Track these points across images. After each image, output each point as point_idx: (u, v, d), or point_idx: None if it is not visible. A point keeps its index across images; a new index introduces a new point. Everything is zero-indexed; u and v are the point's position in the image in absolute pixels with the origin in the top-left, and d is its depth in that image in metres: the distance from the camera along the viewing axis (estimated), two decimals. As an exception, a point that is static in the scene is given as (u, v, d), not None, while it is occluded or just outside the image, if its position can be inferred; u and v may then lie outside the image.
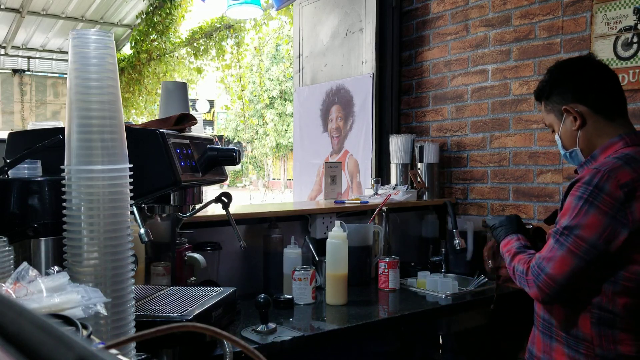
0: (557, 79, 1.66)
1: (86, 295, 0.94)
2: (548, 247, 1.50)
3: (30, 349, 0.32)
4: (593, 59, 1.67)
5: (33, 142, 1.28)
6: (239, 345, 0.55)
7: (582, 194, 1.45)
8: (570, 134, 1.64)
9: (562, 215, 1.50)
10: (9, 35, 8.74)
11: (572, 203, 1.47)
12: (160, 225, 1.96)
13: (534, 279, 1.50)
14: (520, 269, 1.56)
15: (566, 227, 1.46)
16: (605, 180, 1.43)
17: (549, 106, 1.68)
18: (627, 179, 1.42)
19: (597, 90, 1.60)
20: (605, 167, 1.45)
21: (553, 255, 1.47)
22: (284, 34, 9.56)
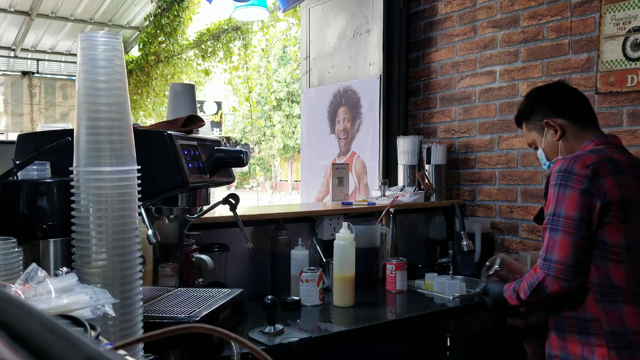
0: (536, 99, 1.86)
1: (94, 296, 0.95)
2: (546, 240, 1.60)
3: (39, 350, 0.32)
4: (565, 84, 1.90)
5: (42, 143, 1.29)
6: (246, 347, 0.55)
7: (556, 181, 1.60)
8: (552, 145, 1.81)
9: (547, 207, 1.63)
10: (19, 38, 8.80)
11: (551, 193, 1.61)
12: (168, 227, 1.97)
13: (546, 272, 1.57)
14: (530, 280, 1.62)
15: (554, 214, 1.58)
16: (572, 164, 1.59)
17: (530, 125, 1.86)
18: (592, 161, 1.59)
19: (571, 104, 1.80)
20: (572, 156, 1.64)
21: (552, 243, 1.57)
22: (291, 35, 9.58)
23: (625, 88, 2.36)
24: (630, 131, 2.35)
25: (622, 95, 2.37)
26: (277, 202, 15.72)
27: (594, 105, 2.47)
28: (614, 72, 2.39)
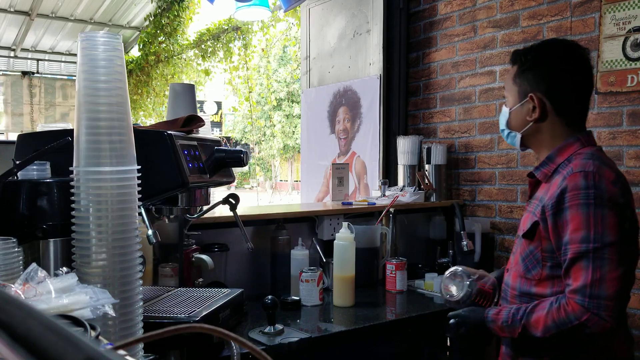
0: (544, 60, 1.55)
1: (94, 296, 0.95)
2: (585, 273, 1.33)
3: (39, 350, 0.32)
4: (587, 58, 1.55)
5: (42, 143, 1.29)
6: (246, 347, 0.55)
7: (586, 200, 1.36)
8: (522, 119, 1.58)
9: (576, 230, 1.35)
10: (19, 38, 8.80)
11: (580, 214, 1.35)
12: (168, 227, 1.97)
13: (594, 312, 1.31)
14: (561, 318, 1.35)
15: (594, 240, 1.33)
16: (598, 180, 1.37)
17: (519, 78, 1.57)
18: (614, 176, 1.40)
19: (572, 95, 1.54)
20: (588, 168, 1.39)
21: (600, 276, 1.31)
22: (291, 35, 9.58)
23: (625, 88, 2.36)
24: (630, 131, 2.35)
25: (622, 95, 2.37)
26: (277, 202, 15.72)
27: (594, 105, 2.47)
28: (614, 72, 2.39)
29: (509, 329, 1.46)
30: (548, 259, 1.46)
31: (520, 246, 1.55)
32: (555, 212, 1.41)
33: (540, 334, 1.39)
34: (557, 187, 1.42)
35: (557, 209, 1.40)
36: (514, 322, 1.44)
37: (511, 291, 1.57)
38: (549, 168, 1.53)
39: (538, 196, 1.54)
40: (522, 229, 1.56)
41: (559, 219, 1.40)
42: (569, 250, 1.37)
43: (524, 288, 1.52)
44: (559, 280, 1.44)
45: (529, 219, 1.52)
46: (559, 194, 1.40)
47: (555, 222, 1.41)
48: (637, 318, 2.31)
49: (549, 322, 1.37)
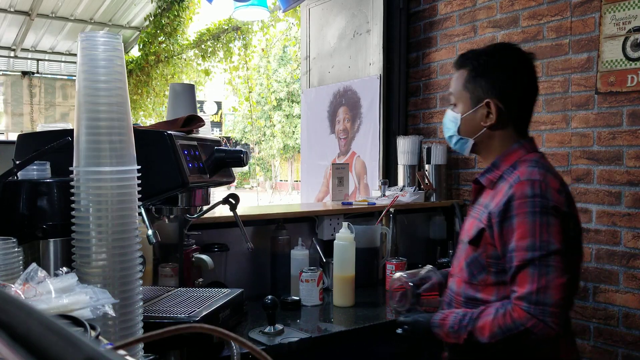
0: (497, 66, 1.53)
1: (94, 296, 0.95)
2: (531, 280, 1.33)
3: (39, 350, 0.32)
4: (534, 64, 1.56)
5: (42, 143, 1.29)
6: (246, 347, 0.55)
7: (533, 209, 1.36)
8: (475, 125, 1.55)
9: (522, 238, 1.36)
10: (19, 38, 8.80)
11: (527, 222, 1.36)
12: (167, 227, 1.97)
13: (540, 319, 1.31)
14: (507, 324, 1.35)
15: (540, 248, 1.34)
16: (545, 189, 1.38)
17: (471, 84, 1.53)
18: (558, 184, 1.41)
19: (523, 101, 1.55)
20: (535, 176, 1.40)
21: (546, 284, 1.32)
22: (291, 35, 9.58)
23: (625, 88, 2.36)
24: (630, 131, 2.35)
25: (622, 95, 2.37)
26: (277, 202, 15.72)
27: (594, 105, 2.47)
28: (614, 72, 2.39)
29: (454, 335, 1.45)
30: (493, 265, 1.46)
31: (465, 252, 1.54)
32: (501, 220, 1.40)
33: (487, 340, 1.38)
34: (504, 194, 1.42)
35: (504, 217, 1.40)
36: (460, 328, 1.43)
37: (456, 297, 1.57)
38: (494, 174, 1.52)
39: (483, 202, 1.53)
40: (467, 234, 1.54)
41: (505, 226, 1.40)
42: (514, 257, 1.37)
43: (469, 293, 1.52)
44: (504, 286, 1.44)
45: (474, 225, 1.51)
46: (506, 202, 1.40)
47: (502, 229, 1.41)
48: (637, 318, 2.31)
49: (495, 329, 1.36)
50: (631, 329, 2.32)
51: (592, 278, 2.46)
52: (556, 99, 2.62)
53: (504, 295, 1.44)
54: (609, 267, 2.40)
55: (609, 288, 2.40)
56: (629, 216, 2.34)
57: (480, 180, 1.56)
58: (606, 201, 2.42)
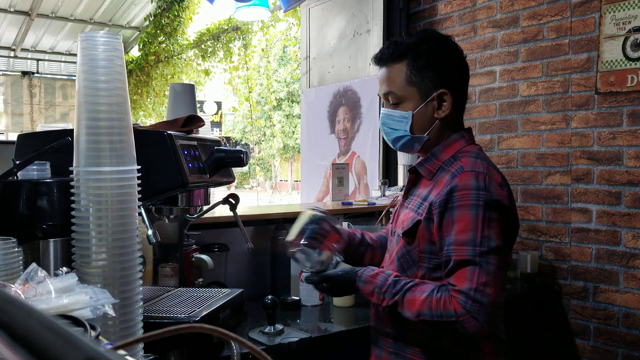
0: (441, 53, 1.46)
1: (94, 296, 0.95)
2: (471, 276, 1.28)
3: (39, 350, 0.32)
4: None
5: (42, 143, 1.29)
6: (246, 347, 0.55)
7: (476, 202, 1.31)
8: (428, 119, 1.46)
9: (462, 231, 1.30)
10: (19, 38, 8.81)
11: (469, 215, 1.31)
12: (167, 227, 1.97)
13: (474, 315, 1.26)
14: (440, 311, 1.29)
15: (480, 244, 1.29)
16: (488, 182, 1.33)
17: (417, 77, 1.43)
18: (500, 179, 1.38)
19: (465, 89, 1.51)
20: (479, 168, 1.36)
21: (485, 282, 1.27)
22: (291, 35, 9.58)
23: (625, 88, 2.36)
24: (630, 131, 2.35)
25: (622, 95, 2.37)
26: (277, 202, 15.72)
27: (594, 105, 2.47)
28: (614, 72, 2.39)
29: (378, 296, 1.38)
30: (425, 260, 1.41)
31: (398, 245, 1.48)
32: (442, 210, 1.34)
33: (412, 317, 1.33)
34: (445, 184, 1.37)
35: (445, 207, 1.34)
36: (387, 291, 1.37)
37: None
38: (433, 165, 1.46)
39: (419, 193, 1.47)
40: (401, 226, 1.47)
41: (445, 217, 1.34)
42: (453, 251, 1.31)
43: None
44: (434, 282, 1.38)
45: (409, 217, 1.44)
46: (448, 192, 1.34)
47: (441, 220, 1.34)
48: (637, 318, 2.31)
49: (425, 309, 1.31)
50: (631, 329, 2.32)
51: (592, 278, 2.46)
52: (556, 99, 2.62)
53: None
54: (609, 267, 2.40)
55: (608, 288, 2.40)
56: (629, 216, 2.34)
57: (419, 170, 1.50)
58: (606, 201, 2.42)
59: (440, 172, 1.44)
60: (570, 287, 2.54)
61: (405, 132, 1.47)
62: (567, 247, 2.56)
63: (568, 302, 2.57)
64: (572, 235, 2.54)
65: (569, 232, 2.55)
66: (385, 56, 1.48)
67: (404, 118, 1.46)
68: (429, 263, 1.40)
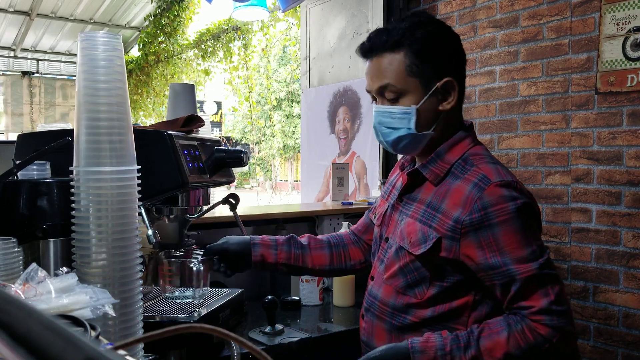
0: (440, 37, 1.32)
1: (94, 296, 0.95)
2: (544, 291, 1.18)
3: (39, 350, 0.32)
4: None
5: (42, 143, 1.29)
6: (246, 347, 0.55)
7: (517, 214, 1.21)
8: (432, 114, 1.30)
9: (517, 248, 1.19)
10: (18, 38, 8.81)
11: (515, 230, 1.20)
12: (167, 227, 1.97)
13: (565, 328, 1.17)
14: (531, 342, 1.16)
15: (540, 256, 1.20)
16: (520, 189, 1.26)
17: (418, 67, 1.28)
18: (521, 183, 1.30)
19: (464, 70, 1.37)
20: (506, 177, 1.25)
21: (559, 291, 1.19)
22: (291, 35, 9.58)
23: (625, 88, 2.36)
24: (631, 131, 2.35)
25: (622, 95, 2.37)
26: (277, 202, 15.72)
27: (594, 105, 2.47)
28: (614, 72, 2.39)
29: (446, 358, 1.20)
30: (439, 278, 1.28)
31: (401, 257, 1.33)
32: (477, 229, 1.21)
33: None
34: (470, 198, 1.22)
35: (481, 225, 1.21)
36: (455, 349, 1.19)
37: (380, 305, 1.37)
38: (439, 167, 1.31)
39: (423, 199, 1.32)
40: (407, 239, 1.31)
41: (484, 236, 1.21)
42: (516, 271, 1.18)
43: (399, 305, 1.33)
44: (442, 303, 1.28)
45: (419, 230, 1.29)
46: (481, 208, 1.21)
47: (479, 240, 1.21)
48: (637, 318, 2.31)
49: (512, 349, 1.16)
50: (631, 329, 2.32)
51: (592, 278, 2.46)
52: (556, 99, 2.62)
53: (441, 312, 1.28)
54: (609, 267, 2.40)
55: (609, 288, 2.40)
56: (629, 216, 2.34)
57: (424, 173, 1.33)
58: (606, 201, 2.42)
59: (450, 178, 1.30)
60: (570, 287, 2.54)
61: (410, 131, 1.29)
62: (567, 247, 2.56)
63: (568, 302, 2.57)
64: (572, 235, 2.54)
65: (569, 232, 2.55)
66: (376, 45, 1.31)
67: (407, 114, 1.29)
68: (444, 281, 1.28)
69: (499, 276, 1.21)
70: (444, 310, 1.29)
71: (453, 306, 1.29)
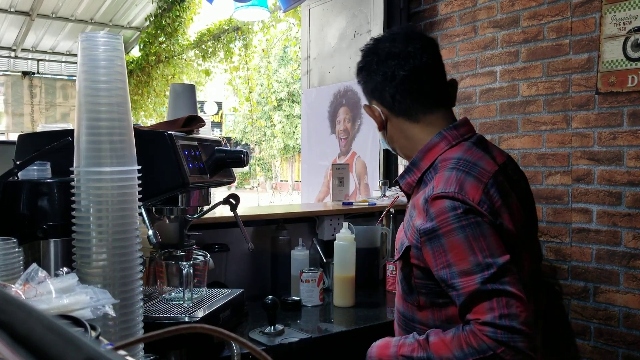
0: (362, 68, 1.38)
1: (95, 297, 0.95)
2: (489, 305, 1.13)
3: (39, 350, 0.32)
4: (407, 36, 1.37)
5: (42, 144, 1.29)
6: (247, 347, 0.55)
7: (459, 223, 1.17)
8: (379, 134, 1.44)
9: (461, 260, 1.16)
10: (19, 38, 8.81)
11: (458, 240, 1.16)
12: (168, 227, 1.97)
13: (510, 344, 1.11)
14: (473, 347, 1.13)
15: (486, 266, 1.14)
16: (463, 199, 1.18)
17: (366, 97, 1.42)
18: (479, 195, 1.20)
19: (395, 88, 1.33)
20: (451, 187, 1.20)
21: (507, 302, 1.12)
22: (291, 35, 9.57)
23: (625, 88, 2.36)
24: (631, 131, 2.35)
25: (623, 96, 2.37)
26: (278, 203, 15.72)
27: (594, 105, 2.47)
28: (615, 72, 2.39)
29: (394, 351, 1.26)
30: (422, 286, 1.29)
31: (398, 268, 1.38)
32: (429, 239, 1.21)
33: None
34: (424, 208, 1.23)
35: (431, 236, 1.20)
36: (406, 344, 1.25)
37: (397, 314, 1.41)
38: (413, 176, 1.34)
39: (408, 210, 1.34)
40: (396, 247, 1.36)
41: (435, 247, 1.20)
42: (459, 284, 1.16)
43: (407, 313, 1.36)
44: (439, 308, 1.28)
45: (400, 239, 1.34)
46: (429, 219, 1.21)
47: (433, 251, 1.21)
48: (637, 318, 2.31)
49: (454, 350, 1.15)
50: (632, 330, 2.32)
51: (593, 278, 2.46)
52: (556, 99, 2.61)
53: (440, 318, 1.28)
54: (610, 267, 2.40)
55: (609, 288, 2.40)
56: (630, 216, 2.34)
57: (400, 184, 1.39)
58: (606, 201, 2.42)
59: (422, 186, 1.32)
60: (571, 288, 2.54)
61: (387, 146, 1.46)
62: (567, 247, 2.56)
63: (568, 303, 2.57)
64: (573, 235, 2.54)
65: (570, 233, 2.55)
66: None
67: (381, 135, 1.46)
68: (427, 289, 1.28)
69: (449, 288, 1.20)
70: (443, 318, 1.28)
71: (449, 314, 1.27)
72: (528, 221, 1.36)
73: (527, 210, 1.36)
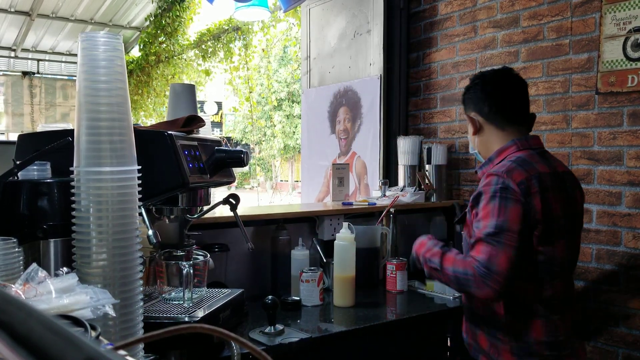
0: (469, 89, 1.88)
1: (95, 297, 0.95)
2: (484, 249, 1.57)
3: (39, 350, 0.32)
4: (507, 73, 1.85)
5: (42, 144, 1.29)
6: (247, 347, 0.55)
7: (493, 194, 1.61)
8: (471, 138, 1.88)
9: (484, 218, 1.61)
10: (19, 38, 8.81)
11: (488, 205, 1.61)
12: (168, 227, 1.97)
13: (482, 279, 1.54)
14: (461, 270, 1.60)
15: (495, 226, 1.57)
16: (507, 180, 1.61)
17: (465, 111, 1.90)
18: (521, 178, 1.62)
19: (491, 104, 1.80)
20: (502, 169, 1.65)
21: (495, 254, 1.55)
22: (291, 35, 9.56)
23: (625, 88, 2.36)
24: (631, 131, 2.35)
25: (623, 96, 2.37)
26: (278, 202, 15.72)
27: (595, 105, 2.47)
28: (615, 72, 2.39)
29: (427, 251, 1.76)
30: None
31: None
32: (475, 198, 1.68)
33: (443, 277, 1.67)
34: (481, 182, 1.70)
35: (476, 202, 1.68)
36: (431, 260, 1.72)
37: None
38: (488, 168, 1.77)
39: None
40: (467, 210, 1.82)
41: (477, 205, 1.66)
42: (475, 232, 1.63)
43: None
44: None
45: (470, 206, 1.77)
46: (480, 186, 1.68)
47: (477, 207, 1.67)
48: (637, 318, 2.31)
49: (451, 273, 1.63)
50: (632, 329, 2.32)
51: (593, 278, 2.46)
52: (557, 99, 2.61)
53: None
54: (610, 267, 2.40)
55: (609, 288, 2.40)
56: (630, 216, 2.34)
57: (478, 172, 1.84)
58: (607, 201, 2.42)
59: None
60: (571, 288, 2.54)
61: (474, 151, 1.90)
62: (567, 247, 2.56)
63: (568, 303, 2.57)
64: (573, 235, 2.54)
65: (570, 233, 2.55)
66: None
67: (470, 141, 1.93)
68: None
69: (474, 232, 1.65)
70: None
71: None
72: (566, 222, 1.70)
73: (569, 215, 1.71)
